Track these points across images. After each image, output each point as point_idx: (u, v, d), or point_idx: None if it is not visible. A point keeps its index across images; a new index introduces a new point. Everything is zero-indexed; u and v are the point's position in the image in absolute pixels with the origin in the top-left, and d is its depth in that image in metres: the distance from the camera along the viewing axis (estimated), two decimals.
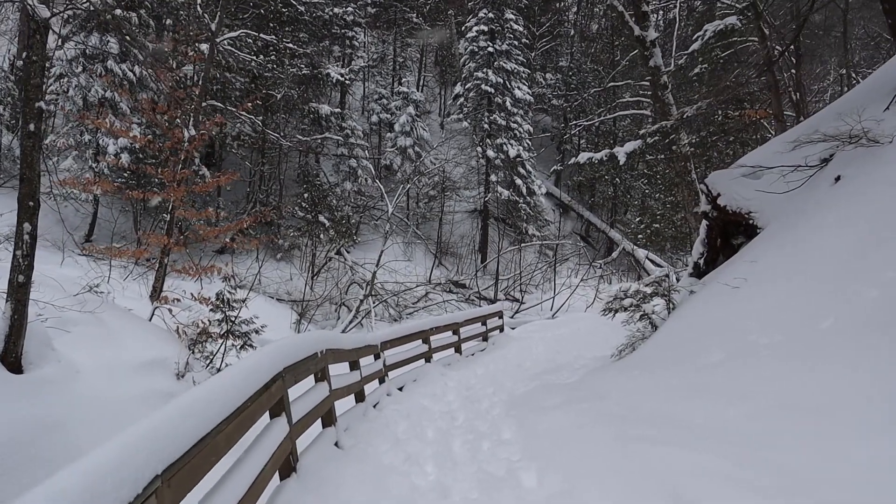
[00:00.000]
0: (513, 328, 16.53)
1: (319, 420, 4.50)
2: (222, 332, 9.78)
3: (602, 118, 18.95)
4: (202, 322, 10.67)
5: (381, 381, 7.77)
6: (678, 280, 28.62)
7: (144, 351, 10.18)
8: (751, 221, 7.51)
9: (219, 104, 14.57)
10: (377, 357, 7.65)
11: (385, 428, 5.24)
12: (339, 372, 5.47)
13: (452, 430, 5.19)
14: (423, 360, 9.21)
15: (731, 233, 8.09)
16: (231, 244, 13.97)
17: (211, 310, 9.83)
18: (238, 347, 10.00)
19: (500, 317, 13.97)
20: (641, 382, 5.13)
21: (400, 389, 8.04)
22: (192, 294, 11.86)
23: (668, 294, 7.51)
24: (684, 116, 8.51)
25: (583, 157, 10.01)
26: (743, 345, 4.90)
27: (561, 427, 4.34)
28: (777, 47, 9.92)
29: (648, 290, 7.94)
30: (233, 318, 9.76)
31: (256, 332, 10.20)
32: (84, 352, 9.12)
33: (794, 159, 6.99)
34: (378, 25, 33.16)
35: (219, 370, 9.59)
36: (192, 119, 13.41)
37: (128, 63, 19.15)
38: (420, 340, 9.16)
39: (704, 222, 8.47)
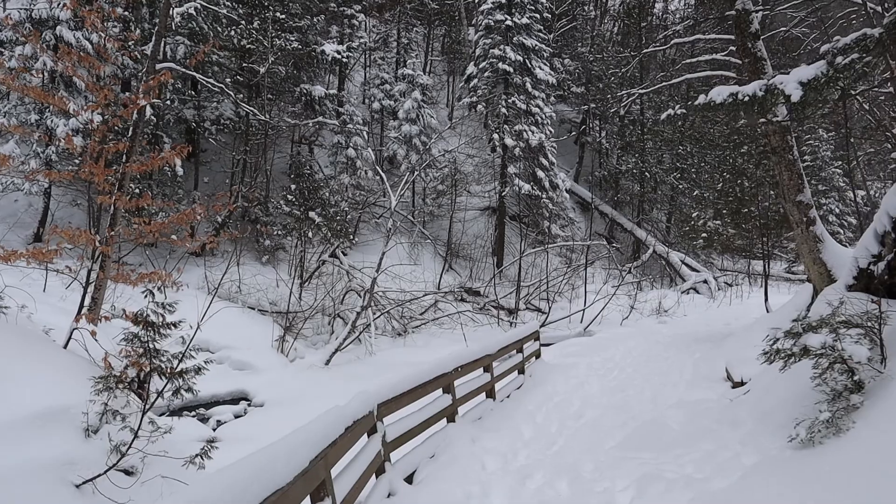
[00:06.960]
0: (546, 345, 13.21)
1: None
2: (144, 373, 6.57)
3: (659, 85, 15.70)
4: (131, 351, 7.51)
5: (381, 471, 4.57)
6: (718, 287, 25.32)
7: (40, 396, 6.91)
8: None
9: (174, 65, 11.44)
10: (372, 433, 4.45)
11: None
12: None
13: None
14: (444, 419, 6.00)
15: None
16: (209, 241, 10.69)
17: (124, 339, 6.61)
18: (171, 393, 6.80)
19: (537, 339, 10.74)
20: None
21: (409, 481, 4.84)
22: (123, 310, 8.70)
23: (879, 327, 4.30)
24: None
25: (719, 92, 6.22)
26: None
27: None
28: None
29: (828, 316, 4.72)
30: (159, 352, 6.54)
31: (198, 370, 6.99)
32: None
33: None
34: (381, 3, 29.99)
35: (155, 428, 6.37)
36: (141, 87, 10.37)
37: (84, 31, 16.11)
38: (440, 389, 5.95)
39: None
